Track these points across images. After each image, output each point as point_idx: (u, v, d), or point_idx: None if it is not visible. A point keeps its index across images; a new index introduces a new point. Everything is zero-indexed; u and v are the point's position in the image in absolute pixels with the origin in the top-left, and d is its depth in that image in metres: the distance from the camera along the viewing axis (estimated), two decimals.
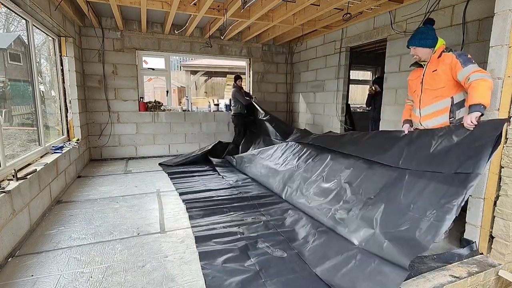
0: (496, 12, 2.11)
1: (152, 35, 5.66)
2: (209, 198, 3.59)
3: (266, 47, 6.68)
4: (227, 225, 2.85)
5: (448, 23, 3.34)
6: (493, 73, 2.13)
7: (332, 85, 5.49)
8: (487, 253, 2.25)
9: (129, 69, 5.60)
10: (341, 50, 5.18)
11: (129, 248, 2.43)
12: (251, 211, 3.23)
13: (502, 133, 1.99)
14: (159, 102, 6.06)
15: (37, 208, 2.86)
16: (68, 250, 2.38)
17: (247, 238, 2.57)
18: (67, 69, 4.60)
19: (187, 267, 2.17)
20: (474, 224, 2.33)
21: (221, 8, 4.27)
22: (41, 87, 3.89)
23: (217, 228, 2.78)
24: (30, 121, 3.83)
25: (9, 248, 2.27)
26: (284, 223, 2.91)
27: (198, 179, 4.41)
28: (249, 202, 3.46)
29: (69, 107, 4.72)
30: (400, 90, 4.02)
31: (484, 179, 2.22)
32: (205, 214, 3.13)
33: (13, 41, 3.97)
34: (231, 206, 3.33)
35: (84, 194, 3.72)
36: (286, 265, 2.19)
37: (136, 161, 5.63)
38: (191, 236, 2.65)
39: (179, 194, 3.72)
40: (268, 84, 6.87)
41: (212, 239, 2.56)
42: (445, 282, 1.93)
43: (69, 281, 2.00)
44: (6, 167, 2.63)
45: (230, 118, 6.06)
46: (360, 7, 3.95)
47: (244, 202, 3.48)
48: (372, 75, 8.33)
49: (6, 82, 3.70)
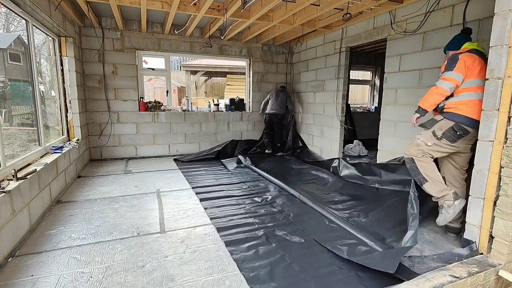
0: (496, 12, 2.11)
1: (152, 35, 5.66)
2: (221, 191, 3.89)
3: (266, 47, 6.67)
4: (243, 216, 3.10)
5: (448, 23, 3.34)
6: (493, 73, 2.13)
7: (332, 85, 5.49)
8: (487, 253, 2.25)
9: (129, 69, 5.60)
10: (341, 50, 5.18)
11: (129, 248, 2.43)
12: (262, 204, 3.47)
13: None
14: (159, 102, 6.06)
15: (37, 208, 2.85)
16: (68, 250, 2.38)
17: (265, 228, 2.83)
18: (67, 69, 4.60)
19: (187, 267, 2.18)
20: (474, 224, 2.33)
21: (221, 8, 4.27)
22: (41, 87, 3.89)
23: (234, 219, 3.01)
24: (30, 121, 3.83)
25: (9, 248, 2.27)
26: (295, 214, 3.16)
27: (210, 175, 4.69)
28: (260, 196, 3.70)
29: (69, 107, 4.72)
30: (400, 90, 4.02)
31: (484, 179, 2.22)
32: (219, 206, 3.37)
33: (13, 41, 3.97)
34: (243, 200, 3.59)
35: (84, 194, 3.72)
36: (306, 249, 2.45)
37: (136, 161, 5.63)
38: (191, 236, 2.66)
39: (191, 188, 4.01)
40: (268, 84, 6.87)
41: (232, 229, 2.79)
42: (445, 282, 1.93)
43: (69, 281, 2.00)
44: (6, 167, 2.63)
45: (270, 117, 6.30)
46: (360, 7, 3.95)
47: (254, 196, 3.73)
48: (372, 75, 8.33)
49: (6, 82, 3.70)
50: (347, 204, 3.43)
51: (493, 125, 2.14)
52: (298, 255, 2.35)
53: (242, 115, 6.71)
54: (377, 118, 4.55)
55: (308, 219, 3.04)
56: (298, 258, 2.30)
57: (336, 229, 2.81)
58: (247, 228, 2.81)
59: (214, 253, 2.38)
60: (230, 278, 2.06)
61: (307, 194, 3.69)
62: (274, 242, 2.55)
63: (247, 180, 4.41)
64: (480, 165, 2.25)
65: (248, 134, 6.81)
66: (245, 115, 6.75)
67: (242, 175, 4.67)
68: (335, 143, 5.53)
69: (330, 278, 2.06)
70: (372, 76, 8.34)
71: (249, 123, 6.80)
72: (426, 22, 3.57)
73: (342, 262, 2.26)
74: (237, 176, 4.64)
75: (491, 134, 2.16)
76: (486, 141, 2.20)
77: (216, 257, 2.32)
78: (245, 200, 3.58)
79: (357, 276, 2.08)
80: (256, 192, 3.87)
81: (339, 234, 2.71)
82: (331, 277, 2.07)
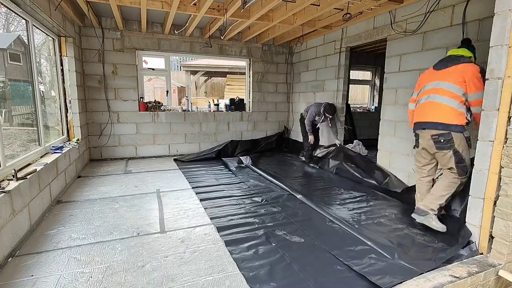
0: (496, 12, 2.11)
1: (152, 35, 5.66)
2: (221, 191, 3.89)
3: (266, 47, 6.67)
4: (243, 216, 3.10)
5: (448, 23, 3.34)
6: (493, 73, 2.13)
7: (332, 85, 5.49)
8: (487, 253, 2.25)
9: (129, 69, 5.60)
10: (341, 50, 5.18)
11: (129, 248, 2.43)
12: (262, 203, 3.48)
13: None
14: (159, 102, 6.06)
15: (37, 208, 2.85)
16: (68, 250, 2.38)
17: (265, 227, 2.83)
18: (67, 69, 4.60)
19: (187, 267, 2.18)
20: (474, 224, 2.33)
21: (221, 8, 4.27)
22: (41, 87, 3.89)
23: (234, 219, 3.01)
24: (30, 121, 3.83)
25: (9, 248, 2.27)
26: (295, 214, 3.16)
27: (210, 175, 4.70)
28: (260, 196, 3.69)
29: (69, 107, 4.72)
30: (400, 90, 4.02)
31: (484, 179, 2.22)
32: (220, 206, 3.37)
33: (13, 41, 3.97)
34: (243, 200, 3.59)
35: (84, 194, 3.72)
36: (306, 249, 2.45)
37: (136, 161, 5.63)
38: (191, 236, 2.66)
39: (192, 188, 4.00)
40: (268, 84, 6.87)
41: (232, 228, 2.79)
42: (445, 282, 1.93)
43: (69, 281, 2.00)
44: (6, 167, 2.63)
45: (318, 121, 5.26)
46: (360, 7, 3.95)
47: (255, 196, 3.72)
48: (372, 75, 8.33)
49: (6, 82, 3.70)
50: (350, 206, 3.42)
51: (493, 125, 2.14)
52: (298, 254, 2.35)
53: (242, 115, 6.71)
54: (377, 118, 4.55)
55: (308, 219, 3.04)
56: (298, 258, 2.30)
57: (336, 229, 2.80)
58: (247, 228, 2.81)
59: (214, 253, 2.38)
60: (230, 278, 2.06)
61: (307, 194, 3.70)
62: (274, 241, 2.55)
63: (247, 180, 4.40)
64: (480, 165, 2.25)
65: (248, 134, 6.81)
66: (245, 115, 6.75)
67: (242, 175, 4.66)
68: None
69: (330, 277, 2.06)
70: (372, 76, 8.33)
71: (249, 123, 6.80)
72: (426, 22, 3.57)
73: (342, 262, 2.26)
74: (237, 176, 4.64)
75: (491, 134, 2.16)
76: (486, 141, 2.20)
77: (216, 257, 2.32)
78: (245, 200, 3.58)
79: (357, 275, 2.08)
80: (256, 192, 3.87)
81: (340, 234, 2.70)
82: (331, 276, 2.07)
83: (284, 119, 7.19)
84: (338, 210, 3.24)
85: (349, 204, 3.45)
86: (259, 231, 2.75)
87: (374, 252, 2.37)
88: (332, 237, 2.64)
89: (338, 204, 3.44)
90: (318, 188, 4.07)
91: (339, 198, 3.65)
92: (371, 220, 3.00)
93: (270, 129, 7.05)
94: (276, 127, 7.12)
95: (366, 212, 3.19)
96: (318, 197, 3.68)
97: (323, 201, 3.53)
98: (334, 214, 3.11)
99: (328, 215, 3.07)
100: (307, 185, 4.22)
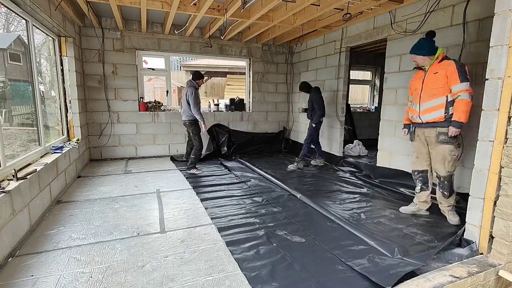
0: (496, 12, 2.11)
1: (152, 35, 5.66)
2: (221, 191, 3.90)
3: (266, 47, 6.67)
4: (244, 216, 3.10)
5: (448, 23, 3.34)
6: (493, 73, 2.13)
7: (332, 85, 5.49)
8: (487, 253, 2.25)
9: (129, 69, 5.60)
10: (341, 50, 5.18)
11: (129, 248, 2.43)
12: (263, 203, 3.48)
13: None
14: (159, 102, 6.06)
15: (37, 208, 2.85)
16: (68, 250, 2.38)
17: (266, 227, 2.83)
18: (67, 69, 4.60)
19: (187, 267, 2.18)
20: (474, 224, 2.33)
21: (221, 8, 4.26)
22: (41, 87, 3.89)
23: (235, 219, 3.02)
24: (30, 121, 3.83)
25: (9, 248, 2.27)
26: (296, 214, 3.16)
27: (211, 175, 4.69)
28: (260, 196, 3.70)
29: (69, 107, 4.72)
30: (400, 90, 4.02)
31: (484, 179, 2.22)
32: (220, 206, 3.37)
33: (13, 41, 3.97)
34: (244, 200, 3.60)
35: (84, 194, 3.72)
36: (307, 249, 2.45)
37: (136, 161, 5.63)
38: (191, 236, 2.66)
39: (192, 188, 4.00)
40: (268, 84, 6.87)
41: (233, 229, 2.80)
42: (445, 282, 1.93)
43: (69, 281, 2.00)
44: (6, 167, 2.63)
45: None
46: (360, 7, 3.94)
47: (255, 196, 3.73)
48: (372, 75, 8.33)
49: (6, 82, 3.70)
50: (350, 205, 3.42)
51: (493, 125, 2.14)
52: (299, 254, 2.35)
53: (242, 115, 6.71)
54: (377, 118, 4.56)
55: (309, 218, 3.04)
56: (299, 258, 2.30)
57: (337, 229, 2.79)
58: (248, 228, 2.81)
59: (215, 253, 2.38)
60: (230, 278, 2.06)
61: (307, 194, 3.70)
62: (275, 242, 2.55)
63: (248, 179, 4.40)
64: (480, 165, 2.25)
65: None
66: (245, 115, 6.75)
67: (242, 175, 4.66)
68: (335, 143, 5.53)
69: (331, 277, 2.06)
70: (372, 76, 8.33)
71: (249, 123, 6.79)
72: (426, 22, 3.57)
73: (343, 262, 2.26)
74: (238, 176, 4.64)
75: (491, 134, 2.16)
76: (486, 141, 2.20)
77: (216, 257, 2.32)
78: (245, 200, 3.58)
79: (358, 275, 2.08)
80: (256, 192, 3.87)
81: (340, 234, 2.70)
82: (332, 276, 2.07)
83: (284, 119, 7.19)
84: (339, 210, 3.24)
85: (349, 204, 3.45)
86: (260, 231, 2.75)
87: (374, 251, 2.37)
88: (333, 237, 2.64)
89: (338, 204, 3.44)
90: (318, 188, 4.07)
91: (339, 198, 3.65)
92: (371, 219, 3.00)
93: (270, 129, 7.05)
94: (276, 127, 7.12)
95: (366, 212, 3.19)
96: (318, 197, 3.68)
97: (324, 201, 3.53)
98: (335, 213, 3.11)
99: (329, 215, 3.07)
100: (308, 185, 4.22)
